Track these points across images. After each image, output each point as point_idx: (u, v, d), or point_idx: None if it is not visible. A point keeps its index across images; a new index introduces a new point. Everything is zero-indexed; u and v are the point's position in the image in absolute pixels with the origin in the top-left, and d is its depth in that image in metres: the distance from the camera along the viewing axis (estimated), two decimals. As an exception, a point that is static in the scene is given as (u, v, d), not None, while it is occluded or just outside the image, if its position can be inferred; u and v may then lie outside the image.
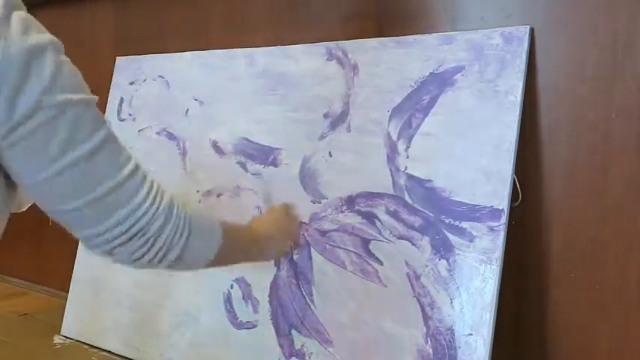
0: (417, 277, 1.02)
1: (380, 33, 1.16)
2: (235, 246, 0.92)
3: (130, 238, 0.72)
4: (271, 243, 1.06)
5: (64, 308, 1.50)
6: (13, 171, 0.67)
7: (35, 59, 0.62)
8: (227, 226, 0.87)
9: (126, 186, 0.70)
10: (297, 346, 1.13)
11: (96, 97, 0.69)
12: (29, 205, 1.40)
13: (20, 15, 0.63)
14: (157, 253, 0.74)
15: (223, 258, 0.87)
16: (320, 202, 1.15)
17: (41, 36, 0.64)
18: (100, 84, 1.59)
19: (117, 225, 0.70)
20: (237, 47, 1.33)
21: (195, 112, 1.37)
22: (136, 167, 0.72)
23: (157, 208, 0.72)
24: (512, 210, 0.97)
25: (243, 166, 1.27)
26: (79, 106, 0.66)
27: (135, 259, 0.75)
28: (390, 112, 1.09)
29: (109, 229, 0.70)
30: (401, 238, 1.04)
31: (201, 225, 0.80)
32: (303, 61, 1.22)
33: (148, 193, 0.72)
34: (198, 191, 1.32)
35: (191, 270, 0.86)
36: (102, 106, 1.54)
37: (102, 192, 0.68)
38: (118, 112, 1.51)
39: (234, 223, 0.95)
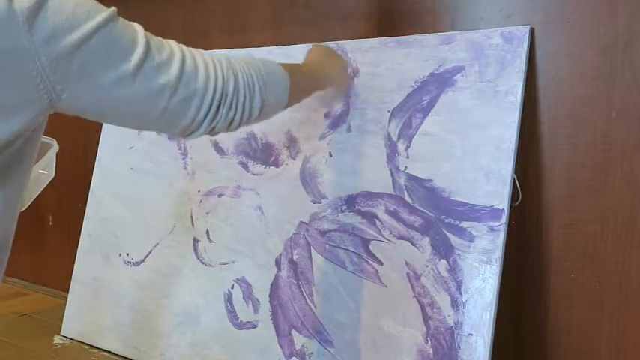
0: (417, 277, 1.02)
1: (380, 33, 1.16)
2: (302, 79, 0.96)
3: (218, 107, 0.75)
4: (329, 69, 1.08)
5: (64, 308, 1.50)
6: (88, 110, 0.70)
7: (50, 2, 0.62)
8: (286, 66, 0.89)
9: (185, 70, 0.72)
10: (297, 346, 1.14)
11: (114, 9, 0.69)
12: (30, 203, 1.41)
13: None
14: (243, 106, 0.78)
15: (295, 95, 0.91)
16: (320, 202, 1.15)
17: None
18: (100, 84, 1.58)
19: (199, 107, 0.73)
20: (237, 47, 1.33)
21: (196, 112, 1.36)
22: (183, 49, 0.75)
23: (222, 72, 0.76)
24: (512, 210, 0.97)
25: (244, 166, 1.27)
26: (105, 27, 0.66)
27: (231, 120, 0.78)
28: (390, 112, 1.09)
29: (192, 119, 0.74)
30: (401, 238, 1.04)
31: (265, 68, 0.83)
32: (303, 61, 1.22)
33: (207, 66, 0.75)
34: (199, 191, 1.32)
35: (277, 112, 0.89)
36: (102, 106, 1.53)
37: (170, 88, 0.70)
38: (118, 112, 1.50)
39: (297, 65, 1.00)
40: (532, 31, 0.99)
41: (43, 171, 1.03)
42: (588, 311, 0.99)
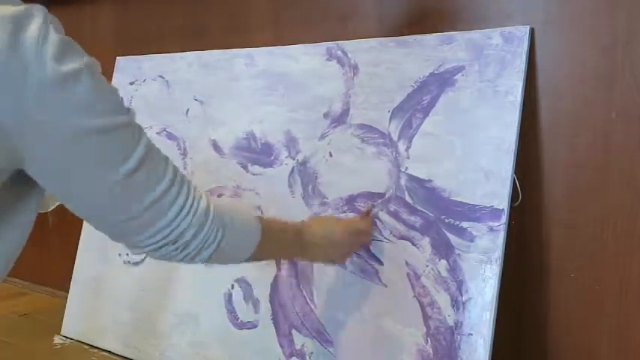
0: (417, 277, 1.02)
1: (380, 33, 1.16)
2: (275, 246, 0.93)
3: (165, 245, 0.75)
4: (316, 249, 0.99)
5: (64, 308, 1.49)
6: (51, 189, 0.70)
7: (70, 86, 0.63)
8: (268, 226, 0.88)
9: (161, 202, 0.72)
10: (298, 346, 1.14)
11: (133, 113, 0.70)
12: (55, 205, 1.41)
13: (57, 38, 0.63)
14: (187, 254, 0.77)
15: (261, 256, 0.90)
16: (320, 203, 1.15)
17: (76, 61, 0.64)
18: (100, 84, 1.58)
19: (151, 236, 0.73)
20: (237, 47, 1.33)
21: (195, 112, 1.37)
22: (173, 179, 0.74)
23: (193, 217, 0.75)
24: (512, 210, 0.97)
25: (243, 166, 1.27)
26: (115, 131, 0.67)
27: (167, 259, 0.78)
28: (390, 112, 1.09)
29: (144, 239, 0.73)
30: (401, 238, 1.04)
31: (237, 228, 0.82)
32: (303, 61, 1.22)
33: (184, 204, 0.74)
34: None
35: (227, 264, 0.89)
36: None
37: (138, 210, 0.71)
38: (118, 112, 1.51)
39: (279, 222, 0.96)
40: (532, 31, 0.99)
41: None
42: (588, 311, 0.99)
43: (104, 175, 0.67)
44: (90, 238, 1.49)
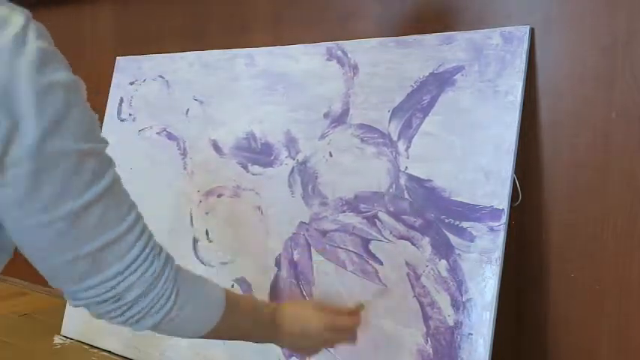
0: (417, 277, 1.02)
1: (380, 33, 1.16)
2: (242, 324, 0.84)
3: (104, 301, 0.67)
4: (286, 338, 0.91)
5: (64, 308, 1.49)
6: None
7: (42, 100, 0.56)
8: (235, 301, 0.80)
9: (111, 248, 0.64)
10: (297, 346, 1.13)
11: (103, 145, 0.63)
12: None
13: (40, 46, 0.57)
14: (130, 317, 0.69)
15: (224, 332, 0.81)
16: (320, 202, 1.15)
17: (56, 75, 0.58)
18: (100, 84, 1.59)
19: (90, 288, 0.66)
20: (237, 47, 1.33)
21: (195, 112, 1.37)
22: (132, 226, 0.65)
23: (139, 277, 0.66)
24: (512, 210, 0.97)
25: (243, 166, 1.27)
26: (78, 158, 0.60)
27: (109, 318, 0.70)
28: (390, 112, 1.09)
29: (82, 290, 0.66)
30: (401, 238, 1.04)
31: (194, 296, 0.73)
32: (303, 61, 1.22)
33: (133, 261, 0.66)
34: (198, 191, 1.32)
35: (182, 337, 0.78)
36: (102, 106, 1.54)
37: (79, 254, 0.63)
38: (118, 112, 1.51)
39: (251, 300, 0.89)
40: (532, 31, 0.99)
41: None
42: (588, 311, 0.99)
43: (55, 203, 0.59)
44: (90, 238, 1.49)
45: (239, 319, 0.82)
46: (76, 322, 1.47)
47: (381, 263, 1.06)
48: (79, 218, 0.61)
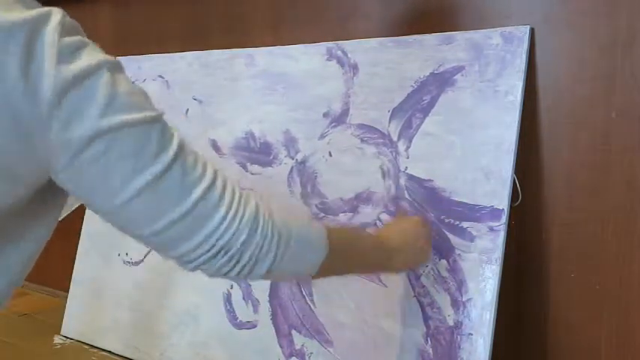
0: (417, 277, 1.02)
1: (380, 33, 1.16)
2: (349, 257, 0.83)
3: (214, 256, 0.67)
4: (399, 255, 0.91)
5: (64, 308, 1.49)
6: (81, 198, 0.65)
7: (87, 82, 0.59)
8: (337, 235, 0.79)
9: (200, 206, 0.64)
10: (297, 346, 1.13)
11: (161, 113, 0.64)
12: (66, 215, 1.37)
13: (72, 39, 0.62)
14: (243, 267, 0.69)
15: (333, 269, 0.81)
16: (320, 202, 1.15)
17: (92, 57, 0.61)
18: (100, 84, 1.58)
19: (197, 247, 0.66)
20: (237, 47, 1.33)
21: (195, 112, 1.37)
22: (213, 181, 0.66)
23: (240, 223, 0.67)
24: (512, 210, 0.97)
25: (242, 165, 1.27)
26: (138, 128, 0.61)
27: (223, 274, 0.70)
28: (390, 112, 1.09)
29: (190, 251, 0.66)
30: (401, 238, 1.04)
31: (297, 235, 0.72)
32: (303, 61, 1.22)
33: (229, 209, 0.66)
34: (198, 191, 1.32)
35: (295, 279, 0.78)
36: (102, 106, 1.53)
37: (174, 217, 0.64)
38: (118, 112, 1.51)
39: (351, 230, 0.88)
40: (532, 31, 0.99)
41: None
42: (588, 311, 0.99)
43: (128, 178, 0.61)
44: (90, 238, 1.49)
45: (347, 248, 0.82)
46: (76, 322, 1.47)
47: (381, 263, 1.06)
48: (158, 187, 0.62)
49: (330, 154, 1.15)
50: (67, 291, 1.51)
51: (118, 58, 0.65)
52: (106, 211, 0.64)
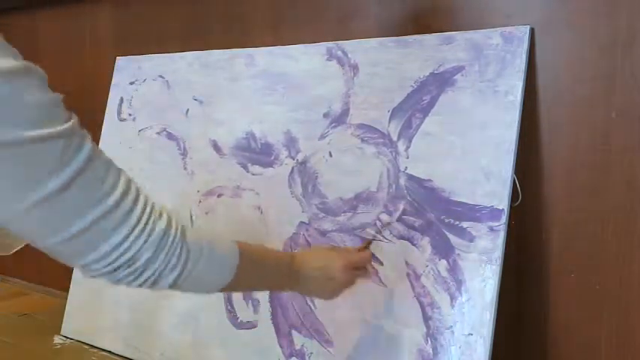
0: (417, 277, 1.02)
1: (380, 33, 1.16)
2: (258, 274, 0.85)
3: (117, 268, 0.68)
4: (310, 283, 0.91)
5: (64, 308, 1.49)
6: None
7: None
8: (249, 251, 0.80)
9: (106, 220, 0.64)
10: (297, 346, 1.13)
11: (67, 127, 0.62)
12: (15, 250, 1.30)
13: None
14: (146, 280, 0.71)
15: (241, 285, 0.83)
16: (320, 202, 1.15)
17: (3, 62, 0.57)
18: (100, 84, 1.59)
19: (101, 258, 0.66)
20: (237, 47, 1.33)
21: (195, 112, 1.37)
22: (123, 195, 0.66)
23: (147, 238, 0.67)
24: (512, 210, 0.97)
25: (243, 166, 1.27)
26: (37, 144, 0.59)
27: (125, 283, 0.71)
28: (390, 112, 1.09)
29: (94, 261, 0.66)
30: (401, 238, 1.04)
31: (208, 256, 0.74)
32: (303, 61, 1.22)
33: (136, 224, 0.66)
34: (198, 191, 1.32)
35: (198, 293, 0.80)
36: (102, 106, 1.54)
37: (77, 229, 0.63)
38: (118, 112, 1.51)
39: (264, 250, 0.89)
40: (532, 31, 0.99)
41: None
42: (588, 311, 0.99)
43: (22, 193, 0.59)
44: (90, 238, 1.49)
45: (255, 269, 0.83)
46: (76, 322, 1.47)
47: (381, 263, 1.06)
48: (56, 202, 0.61)
49: (331, 155, 1.15)
50: (67, 291, 1.51)
51: (30, 66, 0.61)
52: (6, 221, 0.63)
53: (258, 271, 0.84)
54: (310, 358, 1.12)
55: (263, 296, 1.19)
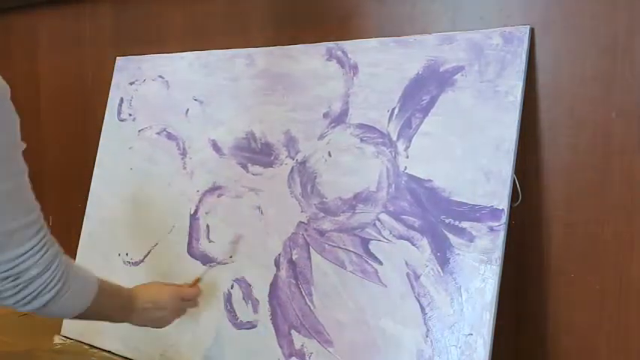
0: (417, 277, 1.02)
1: (380, 33, 1.16)
2: (109, 305, 1.00)
3: (3, 279, 0.80)
4: (144, 314, 1.07)
5: (64, 308, 1.49)
6: None
7: None
8: (104, 284, 0.97)
9: (23, 232, 0.79)
10: (297, 346, 1.13)
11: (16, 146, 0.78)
12: None
13: None
14: (26, 296, 0.83)
15: (94, 312, 0.96)
16: (320, 202, 1.15)
17: None
18: (100, 84, 1.59)
19: None
20: (237, 47, 1.33)
21: (195, 112, 1.37)
22: (32, 222, 0.82)
23: (39, 258, 0.82)
24: (512, 210, 0.97)
25: (243, 166, 1.27)
26: None
27: (2, 298, 0.83)
28: (390, 112, 1.09)
29: None
30: (401, 238, 1.04)
31: (77, 281, 0.90)
32: (303, 61, 1.22)
33: (39, 242, 0.82)
34: (198, 191, 1.32)
35: (58, 317, 0.98)
36: (102, 106, 1.54)
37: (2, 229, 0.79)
38: (118, 112, 1.51)
39: (114, 285, 1.04)
40: (532, 31, 0.99)
41: None
42: (588, 311, 0.99)
43: None
44: (90, 238, 1.49)
45: (106, 301, 0.98)
46: (76, 322, 1.46)
47: (380, 263, 1.06)
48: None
49: (330, 154, 1.15)
50: (67, 291, 1.51)
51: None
52: None
53: (110, 302, 1.00)
54: (310, 358, 1.12)
55: (263, 296, 1.19)
